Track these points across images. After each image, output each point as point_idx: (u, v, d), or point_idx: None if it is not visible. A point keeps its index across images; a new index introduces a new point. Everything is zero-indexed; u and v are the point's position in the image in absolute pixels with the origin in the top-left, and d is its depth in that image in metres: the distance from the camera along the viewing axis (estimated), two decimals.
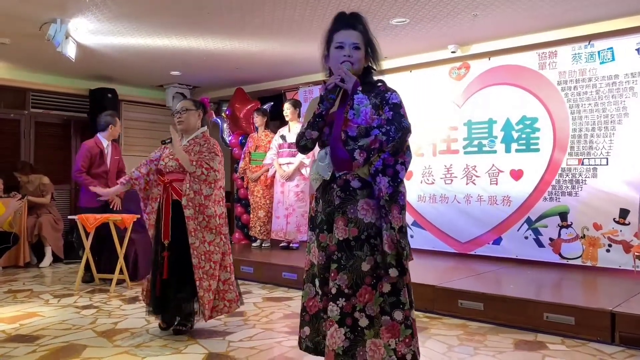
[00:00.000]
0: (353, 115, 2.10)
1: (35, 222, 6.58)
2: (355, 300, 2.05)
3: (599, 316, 3.42)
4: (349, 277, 2.05)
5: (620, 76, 4.77)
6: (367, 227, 2.09)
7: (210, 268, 3.43)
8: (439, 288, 4.16)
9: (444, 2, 4.46)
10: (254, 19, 4.90)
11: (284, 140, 6.29)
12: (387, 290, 2.07)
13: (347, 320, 2.05)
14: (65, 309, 4.33)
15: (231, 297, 3.58)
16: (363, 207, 2.11)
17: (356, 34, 2.22)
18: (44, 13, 4.71)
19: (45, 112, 7.50)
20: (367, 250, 2.08)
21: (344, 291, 2.05)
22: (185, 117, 3.58)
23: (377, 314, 2.05)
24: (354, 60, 2.19)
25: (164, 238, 3.45)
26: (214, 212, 3.45)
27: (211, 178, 3.43)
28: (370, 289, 2.05)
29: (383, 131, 2.06)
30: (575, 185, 4.99)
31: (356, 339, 2.04)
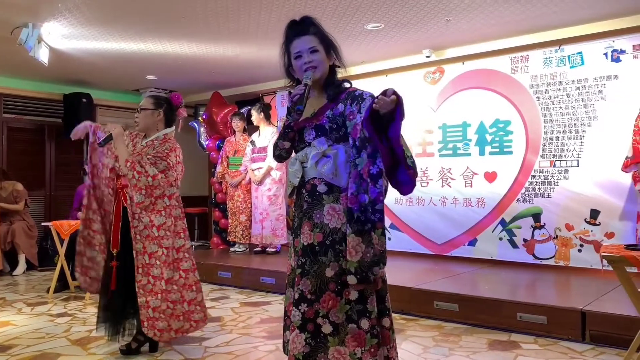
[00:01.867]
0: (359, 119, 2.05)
1: (8, 229, 6.46)
2: (318, 305, 2.01)
3: (570, 315, 3.50)
4: (312, 283, 2.02)
5: (589, 80, 4.89)
6: (332, 232, 2.06)
7: (148, 282, 3.10)
8: (415, 290, 4.21)
9: (417, 8, 4.52)
10: (230, 23, 4.90)
11: (254, 145, 6.32)
12: (354, 298, 2.02)
13: (309, 326, 2.01)
14: (39, 317, 4.27)
15: (198, 318, 3.33)
16: (329, 211, 2.08)
17: (310, 38, 2.18)
18: (16, 17, 4.65)
19: (18, 117, 7.37)
20: (331, 256, 2.04)
21: (307, 296, 2.02)
22: (140, 118, 3.30)
23: (342, 322, 2.00)
24: (316, 63, 2.16)
25: (112, 247, 3.23)
26: (149, 222, 3.11)
27: (142, 184, 3.06)
28: (334, 295, 2.00)
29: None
30: (548, 187, 5.08)
31: (317, 345, 2.00)
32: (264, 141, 6.26)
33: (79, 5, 4.39)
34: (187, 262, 3.30)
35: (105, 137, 3.19)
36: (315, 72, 2.17)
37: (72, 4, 4.36)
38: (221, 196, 7.13)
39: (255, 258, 6.07)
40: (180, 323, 3.22)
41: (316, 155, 2.13)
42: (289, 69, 2.28)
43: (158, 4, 4.40)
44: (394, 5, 4.46)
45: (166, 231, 3.17)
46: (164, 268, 3.15)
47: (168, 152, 3.20)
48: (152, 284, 3.11)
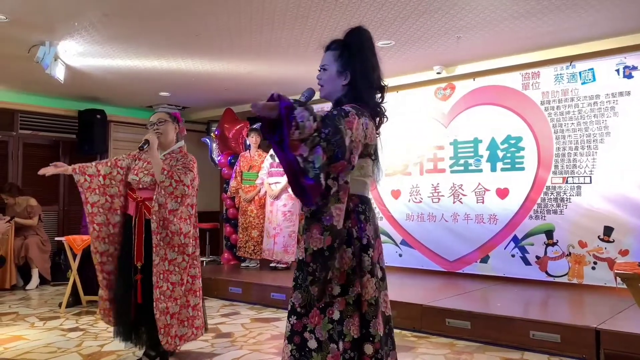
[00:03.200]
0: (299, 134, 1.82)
1: (22, 243, 6.53)
2: (306, 320, 1.99)
3: (584, 334, 3.45)
4: (302, 297, 2.00)
5: (601, 96, 4.87)
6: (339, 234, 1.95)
7: (167, 289, 3.17)
8: (426, 307, 4.18)
9: (428, 25, 4.55)
10: (242, 41, 4.96)
11: (274, 159, 6.34)
12: (336, 318, 1.94)
13: (295, 338, 1.99)
14: (51, 331, 4.29)
15: (199, 324, 3.38)
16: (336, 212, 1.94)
17: (328, 54, 2.15)
18: (33, 35, 4.75)
19: (34, 133, 7.49)
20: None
21: (297, 309, 2.01)
22: (164, 129, 3.37)
23: (325, 340, 1.96)
24: (322, 82, 2.14)
25: (136, 260, 3.25)
26: (179, 229, 3.19)
27: (179, 192, 3.16)
28: (319, 312, 1.97)
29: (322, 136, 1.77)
30: (560, 204, 5.05)
31: (301, 358, 1.98)
32: None
33: (95, 24, 4.47)
34: (196, 268, 3.37)
35: (143, 142, 3.20)
36: (321, 91, 2.15)
37: (88, 23, 4.45)
38: (232, 212, 7.15)
39: (266, 274, 6.07)
40: (184, 329, 3.28)
41: None
42: None
43: (172, 22, 4.48)
44: (405, 23, 4.50)
45: (190, 239, 3.26)
46: (183, 274, 3.25)
47: (193, 164, 3.34)
48: (171, 290, 3.19)
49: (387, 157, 6.28)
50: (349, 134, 1.83)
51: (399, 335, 4.06)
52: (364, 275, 1.96)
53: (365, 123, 1.97)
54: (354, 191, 2.01)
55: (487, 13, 4.28)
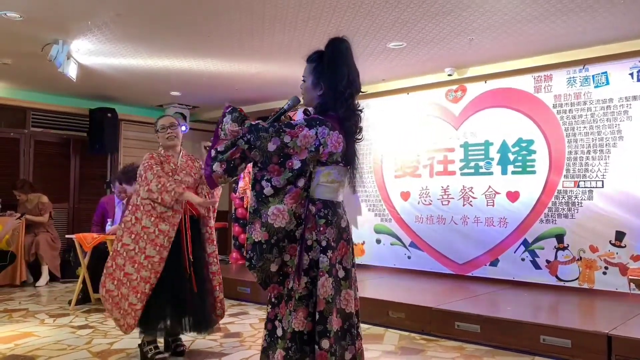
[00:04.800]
0: None
1: (32, 240, 6.57)
2: (278, 310, 2.15)
3: (596, 339, 3.42)
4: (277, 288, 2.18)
5: (614, 100, 4.83)
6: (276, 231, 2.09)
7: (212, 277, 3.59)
8: (435, 310, 4.16)
9: (440, 27, 4.53)
10: (253, 42, 4.97)
11: None
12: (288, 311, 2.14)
13: (269, 325, 2.17)
14: (61, 328, 4.31)
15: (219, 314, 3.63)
16: (274, 212, 2.09)
17: (307, 66, 2.30)
18: (47, 34, 4.78)
19: (45, 131, 7.54)
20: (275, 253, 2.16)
21: (272, 300, 2.17)
22: (177, 133, 3.59)
23: (286, 330, 2.11)
24: (303, 92, 2.31)
25: (191, 254, 3.41)
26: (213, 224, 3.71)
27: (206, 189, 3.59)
28: (284, 304, 2.14)
29: (245, 139, 2.09)
30: (572, 208, 5.01)
31: (271, 342, 2.14)
32: None
33: (108, 23, 4.50)
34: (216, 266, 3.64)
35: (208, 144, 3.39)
36: (304, 100, 2.33)
37: (101, 22, 4.47)
38: (241, 211, 7.16)
39: None
40: (220, 311, 3.59)
41: None
42: None
43: (184, 23, 4.49)
44: (417, 25, 4.49)
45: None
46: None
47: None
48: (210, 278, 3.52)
49: (397, 159, 6.30)
50: (285, 139, 2.05)
51: (408, 337, 4.05)
52: (322, 275, 2.08)
53: (323, 132, 2.08)
54: (318, 196, 2.14)
55: (499, 15, 4.26)
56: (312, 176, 2.13)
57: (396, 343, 3.89)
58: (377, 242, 6.28)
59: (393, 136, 6.35)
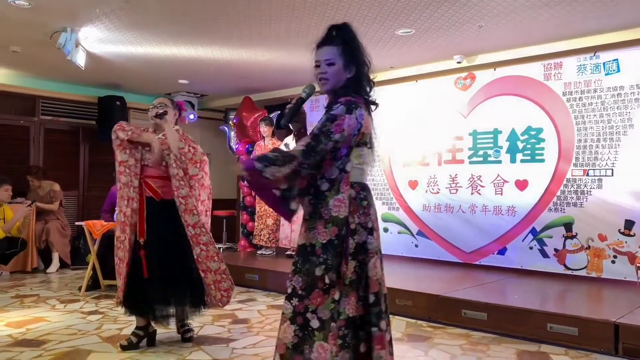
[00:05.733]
0: None
1: (43, 227, 6.64)
2: (308, 301, 2.07)
3: (603, 327, 3.42)
4: (303, 280, 2.08)
5: (625, 87, 4.78)
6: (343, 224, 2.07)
7: (201, 250, 3.37)
8: (442, 297, 4.17)
9: (449, 13, 4.50)
10: (262, 29, 4.95)
11: (287, 148, 6.34)
12: (337, 298, 2.07)
13: (298, 319, 2.07)
14: (72, 314, 4.37)
15: (227, 286, 3.50)
16: (335, 204, 2.07)
17: (330, 49, 2.19)
18: (55, 22, 4.79)
19: (55, 119, 7.58)
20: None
21: (298, 292, 2.08)
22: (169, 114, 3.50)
23: (328, 319, 2.05)
24: (328, 76, 2.18)
25: (139, 236, 3.34)
26: (197, 195, 3.41)
27: (197, 157, 3.44)
28: (322, 293, 2.06)
29: (306, 166, 2.02)
30: (581, 196, 4.99)
31: (305, 337, 2.06)
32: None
33: (116, 10, 4.50)
34: (206, 235, 3.41)
35: (163, 112, 3.45)
36: (326, 85, 2.20)
37: (109, 9, 4.47)
38: (249, 199, 7.18)
39: (282, 261, 6.09)
40: (215, 292, 3.42)
41: None
42: None
43: (192, 10, 4.48)
44: (426, 11, 4.45)
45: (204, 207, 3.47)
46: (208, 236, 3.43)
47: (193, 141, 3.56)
48: (206, 250, 3.37)
49: (405, 147, 6.28)
50: (336, 138, 2.04)
51: (415, 325, 4.06)
52: (372, 256, 2.10)
53: (361, 114, 2.11)
54: (354, 179, 2.12)
55: (509, 2, 4.22)
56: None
57: (403, 330, 3.91)
58: (384, 230, 6.28)
59: (401, 124, 6.33)
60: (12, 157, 7.16)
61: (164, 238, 3.36)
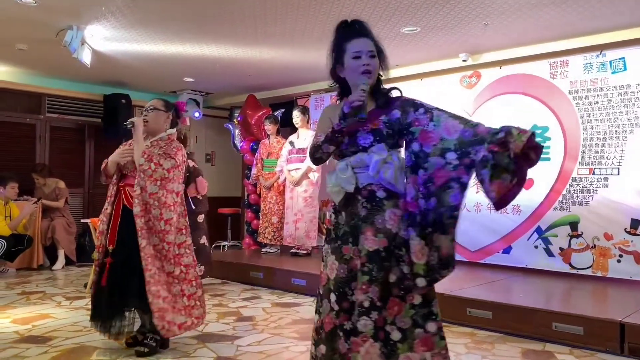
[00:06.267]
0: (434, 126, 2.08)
1: (49, 225, 6.67)
2: (385, 313, 1.98)
3: (608, 327, 3.41)
4: (380, 290, 1.98)
5: (632, 86, 4.76)
6: (394, 237, 2.04)
7: (155, 273, 3.14)
8: (447, 296, 4.16)
9: (454, 11, 4.49)
10: (267, 28, 4.95)
11: (293, 146, 6.35)
12: (418, 302, 2.01)
13: (380, 334, 1.97)
14: (77, 311, 4.39)
15: (199, 314, 3.31)
16: (390, 217, 2.05)
17: (369, 42, 2.17)
18: (61, 20, 4.80)
19: (60, 117, 7.61)
20: (393, 262, 2.02)
21: (376, 304, 1.97)
22: (151, 116, 3.36)
23: (409, 327, 1.98)
24: (372, 68, 2.14)
25: (109, 244, 3.25)
26: (159, 215, 3.16)
27: (157, 175, 3.17)
28: (399, 301, 1.99)
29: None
30: (586, 195, 4.97)
31: (389, 353, 1.97)
32: (303, 143, 6.28)
33: (122, 8, 4.51)
34: (188, 257, 3.29)
35: (128, 122, 3.32)
36: (370, 78, 2.14)
37: (115, 7, 4.48)
38: (254, 197, 7.20)
39: (287, 259, 6.11)
40: (183, 318, 3.21)
41: (378, 162, 2.08)
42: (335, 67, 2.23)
43: (198, 8, 4.49)
44: (431, 9, 4.44)
45: (172, 226, 3.20)
46: (164, 262, 3.19)
47: (176, 151, 3.30)
48: (158, 274, 3.16)
49: None
50: None
51: None
52: None
53: None
54: None
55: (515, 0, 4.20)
56: None
57: None
58: None
59: None
60: (18, 154, 7.19)
61: (129, 248, 3.18)
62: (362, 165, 2.13)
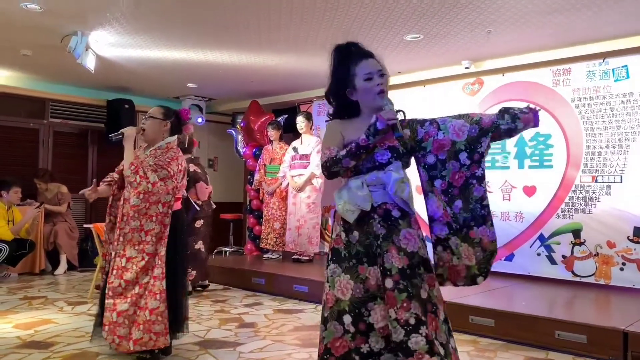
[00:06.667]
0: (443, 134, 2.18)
1: (51, 229, 6.68)
2: (430, 329, 2.00)
3: (612, 335, 3.39)
4: (419, 305, 1.99)
5: (634, 94, 4.76)
6: (412, 255, 2.08)
7: (119, 285, 3.09)
8: (450, 303, 4.14)
9: (457, 19, 4.50)
10: (271, 35, 4.97)
11: (296, 152, 6.35)
12: (443, 318, 2.08)
13: (434, 348, 1.96)
14: (79, 316, 4.39)
15: (158, 330, 3.09)
16: (405, 236, 2.09)
17: (376, 62, 2.21)
18: (66, 26, 4.83)
19: (64, 122, 7.63)
20: (419, 279, 2.05)
21: (422, 319, 1.98)
22: (148, 125, 3.34)
23: (446, 342, 2.00)
24: (385, 87, 2.18)
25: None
26: (139, 226, 3.11)
27: (141, 188, 3.10)
28: (434, 317, 2.01)
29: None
30: (589, 203, 4.96)
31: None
32: (306, 149, 6.29)
33: (126, 15, 4.53)
34: (159, 269, 3.15)
35: (117, 134, 3.34)
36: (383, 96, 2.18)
37: (120, 13, 4.50)
38: (256, 203, 7.20)
39: (289, 265, 6.10)
40: (140, 333, 3.07)
41: (397, 180, 2.12)
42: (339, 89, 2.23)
43: (202, 15, 4.51)
44: (434, 17, 4.45)
45: (152, 237, 3.15)
46: (139, 273, 3.13)
47: (169, 161, 3.23)
48: (123, 287, 3.11)
49: None
50: None
51: None
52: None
53: None
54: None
55: (518, 7, 4.22)
56: None
57: None
58: None
59: None
60: (21, 159, 7.21)
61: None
62: (377, 183, 2.14)
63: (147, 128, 3.34)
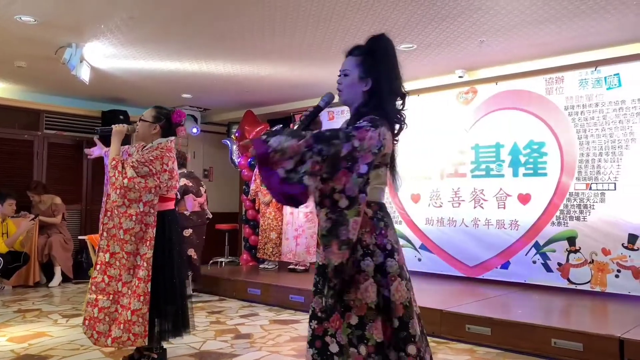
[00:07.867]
0: None
1: (45, 241, 6.64)
2: (327, 324, 1.98)
3: (608, 342, 3.40)
4: (323, 302, 1.99)
5: (627, 102, 4.80)
6: None
7: (102, 281, 3.13)
8: (446, 312, 4.15)
9: (450, 29, 4.53)
10: (265, 44, 4.99)
11: None
12: (354, 323, 1.93)
13: (317, 343, 1.99)
14: (74, 329, 4.35)
15: (138, 331, 3.07)
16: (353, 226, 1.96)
17: (349, 60, 2.13)
18: (60, 38, 4.83)
19: (58, 133, 7.62)
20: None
21: (317, 314, 2.01)
22: (139, 127, 3.41)
23: (345, 344, 1.95)
24: (341, 87, 2.12)
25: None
26: (118, 223, 3.13)
27: (118, 183, 3.12)
28: (339, 317, 1.95)
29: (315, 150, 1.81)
30: (584, 210, 4.98)
31: None
32: None
33: (120, 26, 4.54)
34: (144, 271, 3.13)
35: (105, 128, 3.41)
36: (340, 96, 2.14)
37: (114, 25, 4.51)
38: (252, 213, 7.19)
39: (285, 275, 6.08)
40: (119, 332, 3.08)
41: None
42: None
43: (196, 26, 4.52)
44: (428, 26, 4.48)
45: (132, 236, 3.14)
46: (122, 270, 3.15)
47: (152, 160, 3.21)
48: (106, 283, 3.14)
49: (407, 161, 6.27)
50: (355, 144, 1.85)
51: None
52: (394, 280, 1.96)
53: (383, 133, 1.96)
54: (372, 199, 2.00)
55: (511, 17, 4.25)
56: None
57: None
58: None
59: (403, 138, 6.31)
60: (15, 171, 7.18)
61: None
62: None
63: (139, 130, 3.43)
